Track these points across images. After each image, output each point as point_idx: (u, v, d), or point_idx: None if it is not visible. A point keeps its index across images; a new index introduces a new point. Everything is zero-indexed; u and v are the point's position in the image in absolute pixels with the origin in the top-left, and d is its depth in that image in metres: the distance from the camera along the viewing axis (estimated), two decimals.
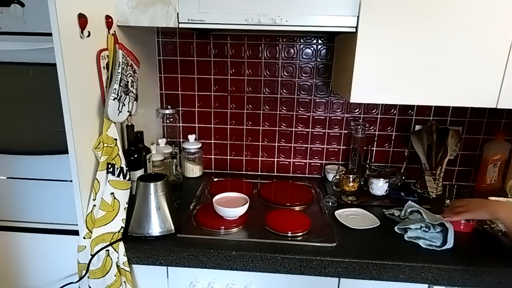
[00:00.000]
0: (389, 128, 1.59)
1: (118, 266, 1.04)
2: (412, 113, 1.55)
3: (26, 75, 1.01)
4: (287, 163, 1.68)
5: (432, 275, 1.01)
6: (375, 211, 1.29)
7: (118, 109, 1.09)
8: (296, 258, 1.02)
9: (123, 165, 1.11)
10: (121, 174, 1.10)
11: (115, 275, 1.03)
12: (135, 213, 1.09)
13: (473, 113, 1.54)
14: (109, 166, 1.07)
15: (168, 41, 1.54)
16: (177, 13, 1.11)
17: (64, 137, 0.96)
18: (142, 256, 1.06)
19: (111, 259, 1.02)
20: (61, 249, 1.14)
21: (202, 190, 1.47)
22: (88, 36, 0.99)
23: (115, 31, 1.13)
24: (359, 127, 1.52)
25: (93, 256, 1.01)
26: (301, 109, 1.59)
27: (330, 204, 1.36)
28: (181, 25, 1.12)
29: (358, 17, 1.07)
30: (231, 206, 1.17)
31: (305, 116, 1.60)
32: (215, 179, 1.59)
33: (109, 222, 1.05)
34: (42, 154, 1.07)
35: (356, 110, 1.58)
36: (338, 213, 1.27)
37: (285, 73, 1.55)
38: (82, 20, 0.96)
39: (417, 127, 1.57)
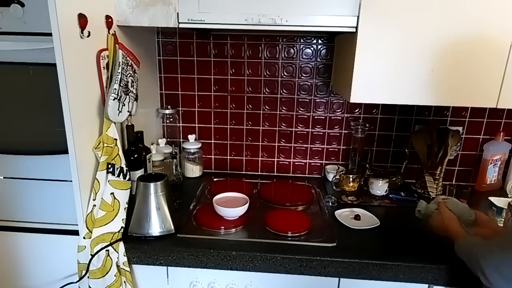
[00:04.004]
0: (389, 128, 1.59)
1: (118, 266, 1.04)
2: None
3: (26, 75, 1.01)
4: (287, 163, 1.68)
5: (432, 275, 1.01)
6: (375, 211, 1.29)
7: (118, 109, 1.09)
8: (296, 258, 1.02)
9: (123, 165, 1.11)
10: (121, 174, 1.10)
11: (115, 275, 1.03)
12: (135, 213, 1.09)
13: (473, 113, 1.54)
14: (109, 166, 1.07)
15: (168, 41, 1.54)
16: (177, 13, 1.11)
17: (64, 137, 0.96)
18: (142, 256, 1.06)
19: (111, 259, 1.02)
20: (61, 249, 1.14)
21: (202, 190, 1.47)
22: (88, 36, 0.99)
23: (115, 31, 1.13)
24: (359, 127, 1.52)
25: (93, 256, 1.01)
26: (301, 109, 1.59)
27: (330, 204, 1.36)
28: (181, 25, 1.12)
29: (358, 17, 1.07)
30: (231, 206, 1.17)
31: (305, 116, 1.60)
32: (215, 179, 1.59)
33: (109, 222, 1.05)
34: (42, 154, 1.07)
35: (356, 110, 1.58)
36: (338, 213, 1.27)
37: (285, 73, 1.55)
38: (82, 20, 0.96)
39: (417, 127, 1.57)
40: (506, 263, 0.77)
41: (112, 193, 1.07)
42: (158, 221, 1.08)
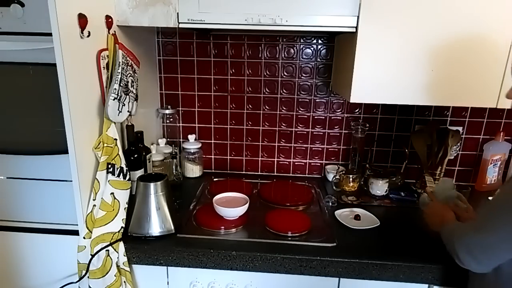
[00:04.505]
0: (389, 128, 1.59)
1: (118, 266, 1.04)
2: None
3: (26, 75, 1.01)
4: (287, 163, 1.68)
5: (432, 275, 1.01)
6: (375, 211, 1.29)
7: (118, 109, 1.09)
8: (296, 258, 1.02)
9: (123, 165, 1.11)
10: (121, 174, 1.10)
11: (115, 275, 1.03)
12: (135, 213, 1.09)
13: (473, 113, 1.54)
14: (109, 166, 1.07)
15: (168, 41, 1.54)
16: (177, 13, 1.11)
17: (64, 137, 0.96)
18: (142, 256, 1.06)
19: (111, 259, 1.02)
20: (61, 249, 1.14)
21: (202, 190, 1.47)
22: (88, 36, 0.99)
23: (115, 31, 1.13)
24: (359, 127, 1.52)
25: (93, 256, 1.01)
26: (301, 109, 1.59)
27: (330, 204, 1.36)
28: (181, 25, 1.12)
29: (358, 17, 1.07)
30: (231, 206, 1.17)
31: (305, 116, 1.60)
32: (215, 179, 1.59)
33: (109, 222, 1.05)
34: (42, 154, 1.07)
35: (356, 110, 1.58)
36: (338, 213, 1.27)
37: (285, 73, 1.55)
38: (82, 20, 0.96)
39: (417, 127, 1.57)
40: (478, 245, 0.81)
41: (112, 193, 1.07)
42: (158, 221, 1.08)
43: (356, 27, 1.08)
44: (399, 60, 1.09)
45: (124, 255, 1.05)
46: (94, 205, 1.05)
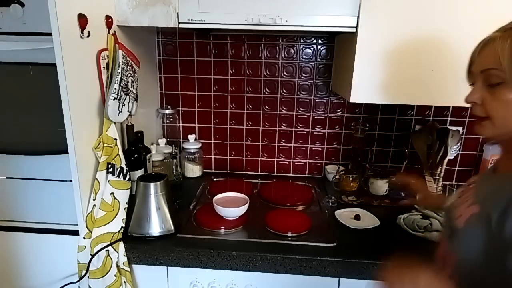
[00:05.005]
0: (389, 128, 1.59)
1: (118, 266, 1.05)
2: (412, 113, 1.55)
3: (26, 75, 1.01)
4: (287, 163, 1.68)
5: None
6: (375, 211, 1.29)
7: (118, 109, 1.09)
8: (296, 258, 1.02)
9: (123, 165, 1.11)
10: (121, 174, 1.10)
11: (115, 275, 1.03)
12: (135, 213, 1.09)
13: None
14: (109, 166, 1.07)
15: (168, 41, 1.54)
16: (177, 13, 1.11)
17: (64, 137, 0.96)
18: (142, 256, 1.06)
19: (111, 259, 1.03)
20: (61, 249, 1.14)
21: (202, 190, 1.47)
22: (88, 36, 0.99)
23: (115, 31, 1.13)
24: (359, 127, 1.52)
25: (93, 256, 1.01)
26: (301, 109, 1.59)
27: (330, 204, 1.36)
28: (181, 25, 1.12)
29: (358, 17, 1.07)
30: (231, 206, 1.17)
31: (305, 116, 1.60)
32: (215, 179, 1.59)
33: (109, 222, 1.05)
34: (42, 154, 1.07)
35: (356, 110, 1.58)
36: (338, 213, 1.27)
37: (285, 73, 1.55)
38: (82, 20, 0.96)
39: (417, 127, 1.56)
40: None
41: (112, 193, 1.07)
42: (158, 221, 1.08)
43: (356, 27, 1.08)
44: (399, 60, 1.09)
45: (124, 255, 1.05)
46: (94, 205, 1.04)
